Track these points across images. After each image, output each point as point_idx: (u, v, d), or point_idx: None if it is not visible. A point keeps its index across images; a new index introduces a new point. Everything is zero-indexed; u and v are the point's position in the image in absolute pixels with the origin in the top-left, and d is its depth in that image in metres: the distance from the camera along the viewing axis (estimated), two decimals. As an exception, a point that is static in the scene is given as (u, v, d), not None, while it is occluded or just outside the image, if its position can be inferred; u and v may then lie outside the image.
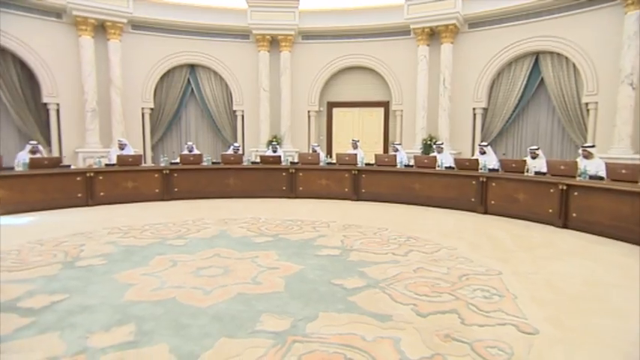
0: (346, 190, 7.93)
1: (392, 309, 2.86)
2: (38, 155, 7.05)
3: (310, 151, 9.53)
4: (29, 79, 9.35)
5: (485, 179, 6.62)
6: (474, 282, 3.42)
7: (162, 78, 10.90)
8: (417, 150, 10.09)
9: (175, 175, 7.84)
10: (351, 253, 4.28)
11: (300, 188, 8.14)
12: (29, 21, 8.96)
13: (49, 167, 6.79)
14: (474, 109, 10.21)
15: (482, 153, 7.55)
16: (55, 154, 9.35)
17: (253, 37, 10.94)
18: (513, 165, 6.57)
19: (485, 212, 6.58)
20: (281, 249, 4.41)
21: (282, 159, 8.53)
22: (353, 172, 7.88)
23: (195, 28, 10.75)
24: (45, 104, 9.45)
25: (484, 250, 4.48)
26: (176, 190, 7.83)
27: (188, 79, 11.28)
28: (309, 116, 11.62)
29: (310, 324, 2.61)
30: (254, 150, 10.91)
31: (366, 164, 8.09)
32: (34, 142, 7.41)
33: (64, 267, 3.79)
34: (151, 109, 10.86)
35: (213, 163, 8.28)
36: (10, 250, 4.28)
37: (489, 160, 7.14)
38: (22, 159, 6.68)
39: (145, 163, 10.02)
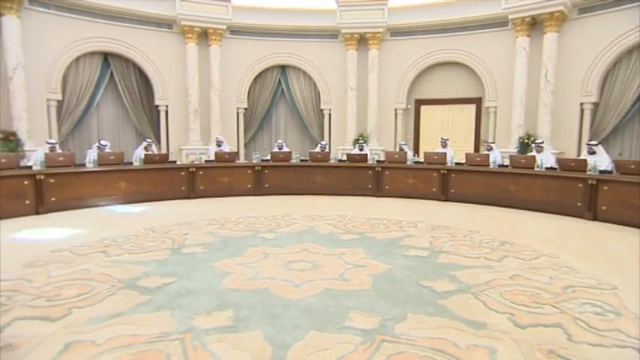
0: (434, 189, 7.68)
1: (486, 317, 2.72)
2: (151, 152, 7.89)
3: (397, 150, 9.38)
4: (145, 84, 10.50)
5: (594, 182, 5.96)
6: (582, 295, 3.10)
7: (255, 79, 11.52)
8: (513, 149, 9.40)
9: (266, 171, 8.26)
10: (440, 255, 4.15)
11: (386, 187, 8.06)
12: (147, 33, 10.08)
13: (159, 163, 7.58)
14: (581, 104, 9.22)
15: (592, 153, 6.79)
16: (164, 151, 10.39)
17: (342, 36, 11.07)
18: (632, 166, 5.81)
19: (594, 219, 5.92)
20: (368, 247, 4.43)
21: (369, 157, 8.52)
22: (442, 171, 7.60)
23: (286, 30, 11.18)
24: (157, 106, 10.56)
25: (594, 260, 4.04)
26: (266, 185, 8.24)
27: (279, 80, 11.78)
28: (395, 114, 11.45)
29: (399, 325, 2.59)
30: (340, 148, 11.06)
31: (456, 163, 7.76)
32: (150, 140, 8.33)
33: (172, 253, 4.21)
34: (245, 108, 11.55)
35: (301, 160, 8.56)
36: (130, 235, 4.88)
37: (600, 161, 6.40)
38: (138, 155, 7.55)
39: (238, 160, 10.70)
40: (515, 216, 6.26)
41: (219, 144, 8.83)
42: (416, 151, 10.95)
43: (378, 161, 8.47)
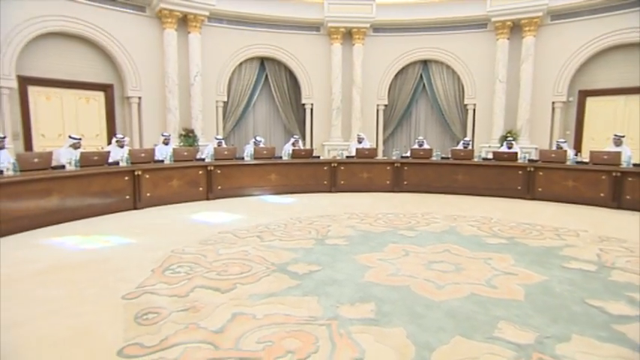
0: (602, 195, 6.61)
1: (679, 353, 2.25)
2: (297, 147, 8.53)
3: (554, 148, 8.31)
4: (294, 85, 11.38)
5: None
6: None
7: (396, 76, 11.46)
8: None
9: (405, 168, 8.18)
10: (612, 271, 3.56)
11: (539, 189, 7.25)
12: (297, 36, 10.89)
13: (305, 157, 8.15)
14: None
15: None
16: (308, 146, 11.11)
17: (492, 24, 10.24)
18: None
19: None
20: (518, 254, 4.05)
21: (519, 156, 7.75)
22: (614, 173, 6.49)
23: (430, 24, 10.83)
24: (303, 105, 11.36)
25: None
26: (405, 183, 8.16)
27: (420, 75, 11.50)
28: (553, 108, 10.13)
29: (561, 345, 2.32)
30: (485, 146, 10.29)
31: (634, 164, 6.54)
32: (297, 136, 9.04)
33: (317, 243, 4.50)
34: (385, 105, 11.59)
35: (442, 158, 8.25)
36: (280, 223, 5.38)
37: None
38: (287, 150, 8.24)
39: (377, 156, 10.81)
40: None
41: (360, 140, 9.07)
42: (577, 149, 9.53)
43: (529, 160, 7.67)
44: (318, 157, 8.62)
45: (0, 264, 3.70)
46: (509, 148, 8.34)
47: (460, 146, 8.78)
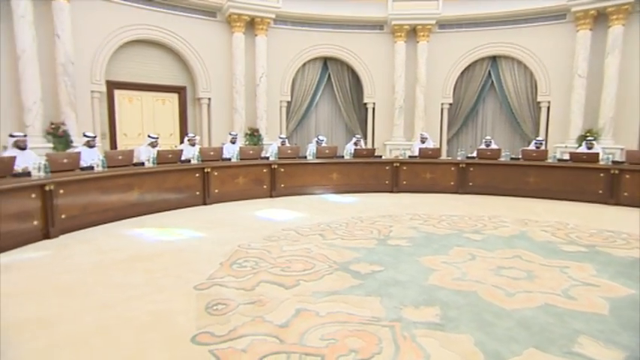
0: (703, 202, 5.88)
1: None
2: (359, 147, 8.51)
3: (643, 149, 7.54)
4: (356, 84, 11.37)
5: None
6: None
7: (462, 73, 11.02)
8: None
9: (471, 169, 7.85)
10: None
11: (625, 194, 6.63)
12: (360, 36, 10.86)
13: (366, 157, 8.10)
14: None
15: None
16: (370, 146, 11.04)
17: (572, 15, 9.48)
18: None
19: None
20: (600, 264, 3.73)
21: (600, 157, 7.13)
22: None
23: (500, 18, 10.28)
24: (365, 104, 11.30)
25: None
26: (471, 184, 7.84)
27: (489, 72, 10.96)
28: (643, 104, 9.17)
29: (652, 366, 2.11)
30: (560, 146, 9.57)
31: None
32: (359, 136, 9.01)
33: (379, 243, 4.46)
34: (450, 104, 11.19)
35: (511, 158, 7.82)
36: (341, 222, 5.40)
37: None
38: (349, 149, 8.25)
39: (441, 156, 10.48)
40: None
41: (423, 140, 8.85)
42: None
43: (613, 162, 7.03)
44: (380, 156, 8.53)
45: (91, 252, 4.09)
46: (589, 148, 7.70)
47: (532, 146, 8.26)
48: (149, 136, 6.88)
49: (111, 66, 8.67)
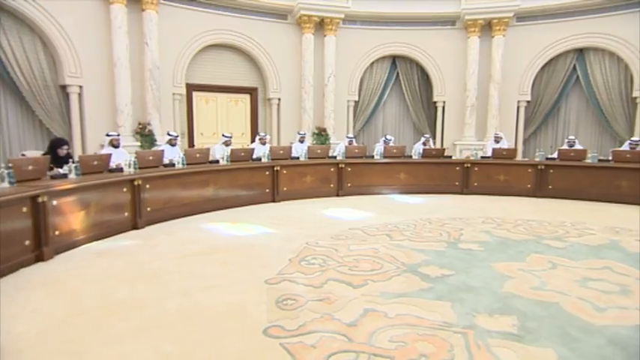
0: None
1: None
2: (428, 147, 8.28)
3: None
4: (425, 82, 11.06)
5: None
6: None
7: (542, 68, 10.27)
8: None
9: (551, 171, 7.31)
10: None
11: None
12: (427, 33, 10.55)
13: (436, 157, 7.86)
14: None
15: None
16: (438, 146, 10.69)
17: (675, 0, 8.46)
18: None
19: None
20: None
21: None
22: None
23: (590, 6, 9.41)
24: (434, 102, 10.96)
25: None
26: (550, 187, 7.30)
27: (574, 66, 10.11)
28: None
29: None
30: (660, 146, 8.56)
31: None
32: (428, 136, 8.79)
33: (449, 246, 4.31)
34: (527, 101, 10.49)
35: (599, 160, 7.16)
36: (409, 223, 5.30)
37: None
38: (417, 149, 8.06)
39: (517, 157, 9.88)
40: None
41: (497, 140, 8.40)
42: None
43: None
44: (450, 156, 8.24)
45: (173, 243, 4.41)
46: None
47: (625, 147, 7.50)
48: (223, 135, 7.25)
49: (190, 69, 9.26)
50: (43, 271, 3.50)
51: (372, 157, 7.81)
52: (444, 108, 10.89)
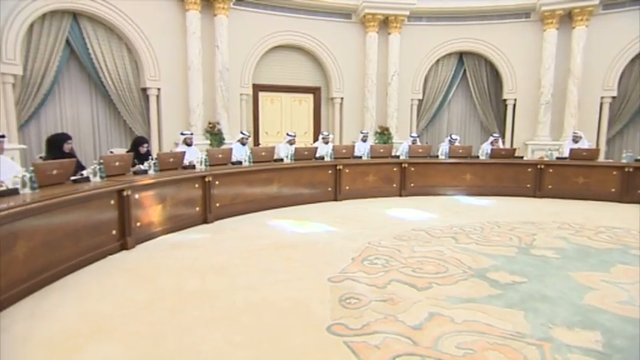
0: None
1: None
2: (497, 147, 7.87)
3: None
4: (494, 79, 10.52)
5: None
6: None
7: (632, 60, 9.32)
8: None
9: (640, 174, 6.64)
10: None
11: None
12: (498, 26, 10.01)
13: (505, 158, 7.46)
14: None
15: None
16: (507, 145, 10.12)
17: None
18: None
19: None
20: None
21: None
22: None
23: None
24: (504, 100, 10.38)
25: None
26: (639, 191, 6.62)
27: (669, 57, 9.08)
28: None
29: None
30: None
31: None
32: (497, 135, 8.37)
33: (520, 252, 4.08)
34: (612, 97, 9.59)
35: (700, 163, 6.37)
36: (476, 226, 5.08)
37: None
38: (485, 149, 7.70)
39: (599, 158, 9.08)
40: None
41: (576, 139, 7.78)
42: None
43: None
44: (521, 157, 7.78)
45: (239, 238, 4.61)
46: None
47: None
48: (287, 134, 7.42)
49: (256, 70, 9.58)
50: (126, 259, 3.82)
51: (437, 156, 7.59)
52: (514, 106, 10.28)
